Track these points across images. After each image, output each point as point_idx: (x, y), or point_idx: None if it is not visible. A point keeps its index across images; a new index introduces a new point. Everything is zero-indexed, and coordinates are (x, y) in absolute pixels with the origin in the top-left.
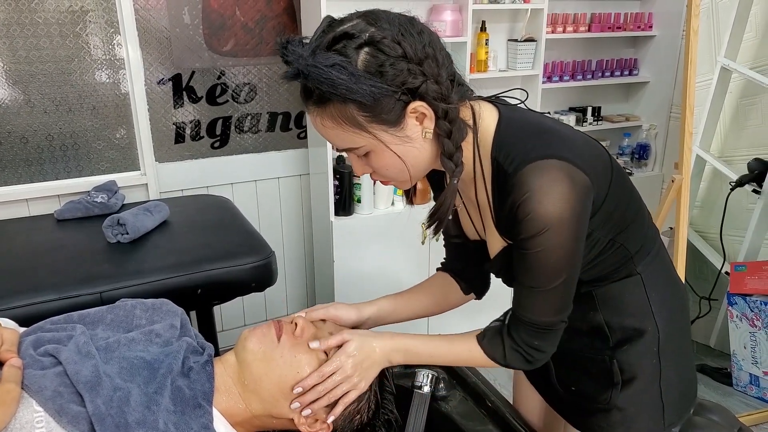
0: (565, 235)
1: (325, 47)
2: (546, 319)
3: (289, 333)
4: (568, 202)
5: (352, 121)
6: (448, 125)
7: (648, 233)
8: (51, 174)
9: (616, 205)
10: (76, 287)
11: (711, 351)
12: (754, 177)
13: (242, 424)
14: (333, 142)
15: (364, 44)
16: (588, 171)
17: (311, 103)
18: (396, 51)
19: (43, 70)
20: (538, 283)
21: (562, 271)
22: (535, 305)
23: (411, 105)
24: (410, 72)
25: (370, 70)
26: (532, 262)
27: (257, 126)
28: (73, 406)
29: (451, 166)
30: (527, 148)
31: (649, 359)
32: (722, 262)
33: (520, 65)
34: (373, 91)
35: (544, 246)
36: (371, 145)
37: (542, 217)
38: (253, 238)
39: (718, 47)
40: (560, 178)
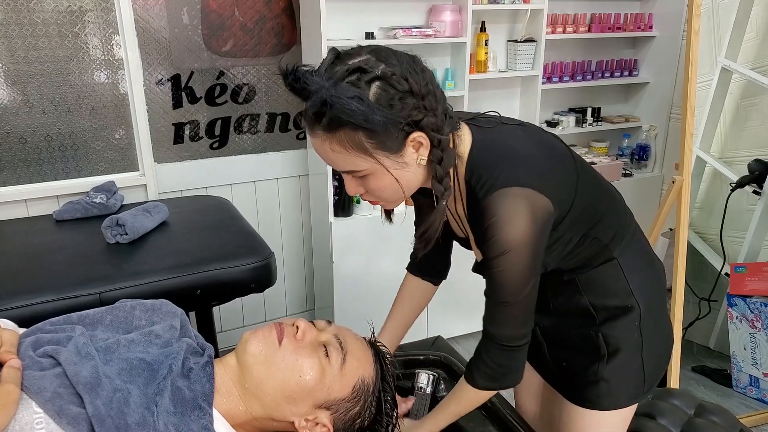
0: (524, 256)
1: (339, 78)
2: (512, 333)
3: (290, 336)
4: (527, 229)
5: (360, 146)
6: (440, 153)
7: (622, 221)
8: (50, 174)
9: (583, 208)
10: (75, 288)
11: (710, 352)
12: (755, 178)
13: (243, 426)
14: (335, 164)
15: (376, 78)
16: (549, 193)
17: (320, 128)
18: (404, 87)
19: (42, 70)
20: (503, 298)
21: (523, 287)
22: (502, 319)
23: (412, 135)
24: (415, 106)
25: (381, 102)
26: (497, 279)
27: (256, 127)
28: (73, 407)
29: (441, 188)
30: (494, 175)
31: (631, 333)
32: (722, 263)
33: (520, 66)
34: (385, 121)
35: (504, 266)
36: (372, 168)
37: (503, 242)
38: (252, 239)
39: (718, 48)
40: (522, 205)
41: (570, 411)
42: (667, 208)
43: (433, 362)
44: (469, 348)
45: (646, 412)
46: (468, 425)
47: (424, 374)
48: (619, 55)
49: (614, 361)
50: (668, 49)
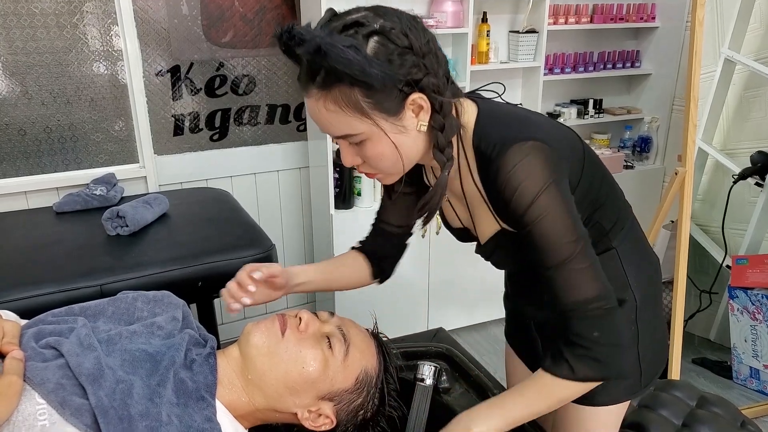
0: (555, 196)
1: (336, 31)
2: (591, 294)
3: (293, 327)
4: (547, 170)
5: (356, 105)
6: (441, 119)
7: (621, 209)
8: (49, 166)
9: (590, 184)
10: (76, 280)
11: (711, 344)
12: (757, 170)
13: (245, 417)
14: (331, 127)
15: (374, 32)
16: (561, 151)
17: (315, 86)
18: (403, 42)
19: (40, 61)
20: (560, 255)
21: (573, 232)
22: (572, 282)
23: (411, 96)
24: (415, 64)
25: (379, 57)
26: (541, 234)
27: (256, 118)
28: (76, 398)
29: (443, 158)
30: (504, 133)
31: (627, 326)
32: (723, 255)
33: (522, 57)
34: (383, 76)
35: (541, 213)
36: (369, 132)
37: (530, 187)
38: (253, 231)
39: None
40: (537, 154)
41: (565, 407)
42: (670, 200)
43: (436, 354)
44: (471, 341)
45: (647, 404)
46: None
47: (427, 366)
48: (622, 46)
49: None
50: (671, 40)
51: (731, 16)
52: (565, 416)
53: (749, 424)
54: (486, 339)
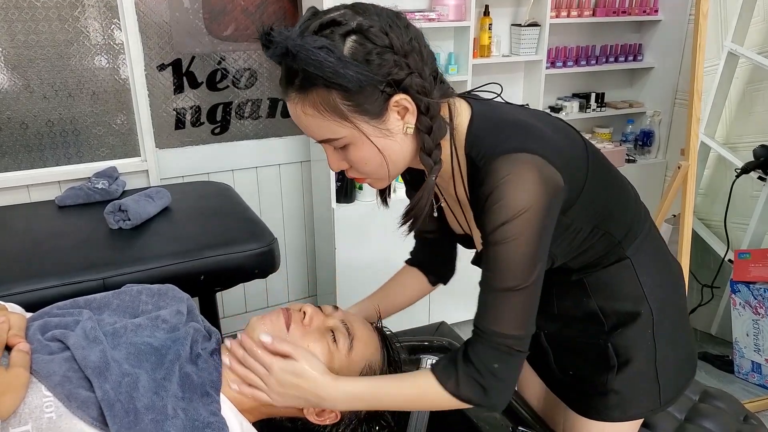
0: (532, 226)
1: (312, 32)
2: (511, 332)
3: (298, 322)
4: (536, 194)
5: (335, 109)
6: (429, 121)
7: (635, 216)
8: (51, 160)
9: (595, 195)
10: (79, 273)
11: (712, 339)
12: (760, 164)
13: (250, 411)
14: (312, 131)
15: (351, 32)
16: (559, 166)
17: (293, 89)
18: (383, 41)
19: (42, 54)
20: (506, 282)
21: (530, 267)
22: (497, 312)
23: (394, 98)
24: (396, 63)
25: (356, 57)
26: (500, 256)
27: (258, 112)
28: (82, 391)
29: (430, 162)
30: (497, 141)
31: (644, 341)
32: (726, 249)
33: (524, 50)
34: (359, 78)
35: (512, 236)
36: (351, 136)
37: (511, 206)
38: (255, 225)
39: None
40: (531, 170)
41: (575, 420)
42: (673, 194)
43: (438, 347)
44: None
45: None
46: (472, 411)
47: (429, 360)
48: (624, 40)
49: (625, 371)
50: (674, 34)
51: (735, 10)
52: (574, 428)
53: (752, 418)
54: None
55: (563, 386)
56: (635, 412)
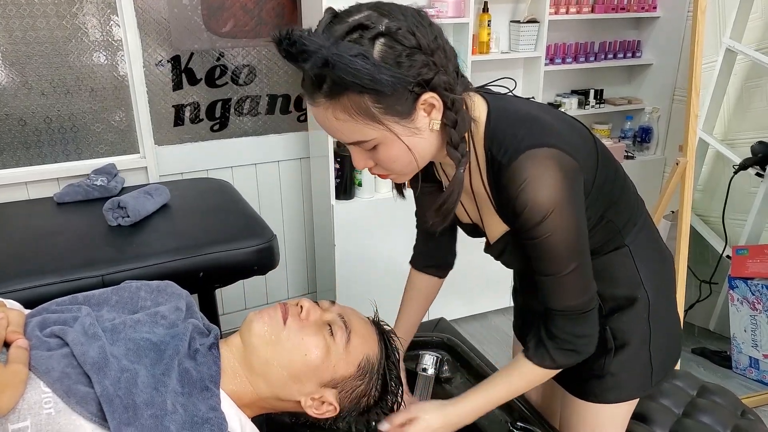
0: (566, 216)
1: (340, 37)
2: (577, 302)
3: (295, 316)
4: (561, 187)
5: (366, 112)
6: (454, 115)
7: (635, 206)
8: (50, 157)
9: (605, 185)
10: (78, 270)
11: (710, 334)
12: (758, 160)
13: (249, 406)
14: (341, 135)
15: (380, 35)
16: (575, 155)
17: (321, 95)
18: (411, 42)
19: (40, 51)
20: (558, 268)
21: (575, 251)
22: (563, 292)
23: (423, 96)
24: (425, 63)
25: (387, 60)
26: (545, 249)
27: (257, 108)
28: (81, 387)
29: (458, 155)
30: (517, 138)
31: (639, 325)
32: (724, 245)
33: (523, 47)
34: (393, 81)
35: (550, 231)
36: (382, 137)
37: (541, 205)
38: (254, 222)
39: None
40: (551, 165)
41: (573, 405)
42: (671, 190)
43: (437, 344)
44: (471, 330)
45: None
46: None
47: (428, 355)
48: (623, 36)
49: (621, 354)
50: (672, 30)
51: (733, 6)
52: (573, 412)
53: (749, 413)
54: (487, 329)
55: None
56: (629, 393)
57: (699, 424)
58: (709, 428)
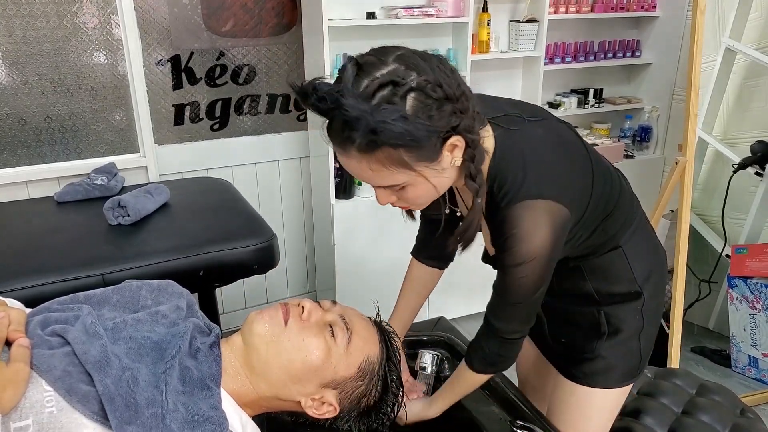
0: (541, 265)
1: (371, 95)
2: (514, 329)
3: (296, 316)
4: (549, 240)
5: (400, 162)
6: (472, 151)
7: (629, 211)
8: (50, 156)
9: (596, 206)
10: (78, 269)
11: (710, 333)
12: (757, 159)
13: (250, 405)
14: (372, 181)
15: (411, 90)
16: (569, 201)
17: (354, 149)
18: (439, 94)
19: (40, 50)
20: (515, 299)
21: (535, 290)
22: (509, 316)
23: (450, 140)
24: (453, 111)
25: (419, 115)
26: (512, 283)
27: (257, 108)
28: (83, 385)
29: (475, 186)
30: (516, 184)
31: (633, 317)
32: (723, 244)
33: (522, 46)
34: (428, 135)
35: (522, 274)
36: (412, 180)
37: (524, 253)
38: (254, 221)
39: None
40: (543, 220)
41: (563, 386)
42: (670, 190)
43: (437, 342)
44: (471, 329)
45: (648, 392)
46: (472, 405)
47: (428, 354)
48: (622, 36)
49: (613, 339)
50: (671, 30)
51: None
52: (562, 394)
53: (748, 411)
54: None
55: (555, 352)
56: (616, 379)
57: (698, 423)
58: (709, 427)
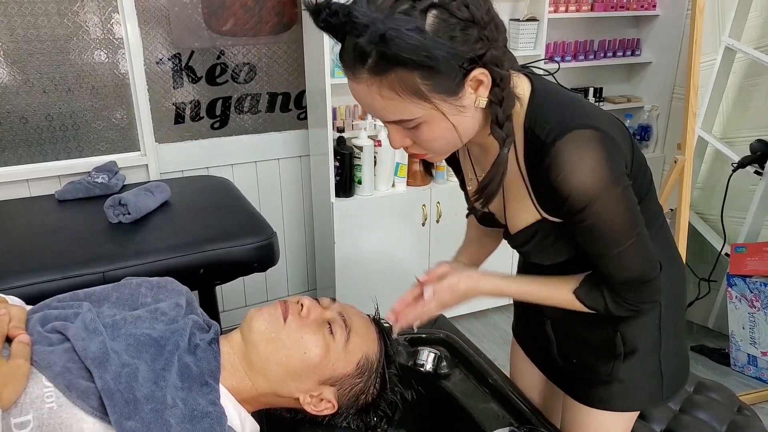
0: (615, 196)
1: (389, 8)
2: (639, 273)
3: (295, 314)
4: (606, 168)
5: (414, 90)
6: (501, 93)
7: (655, 210)
8: (51, 154)
9: (634, 180)
10: (79, 267)
11: (709, 332)
12: (756, 158)
13: (248, 401)
14: (383, 113)
15: (432, 6)
16: (618, 140)
17: (365, 71)
18: (465, 14)
19: (42, 49)
20: (613, 247)
21: (629, 227)
22: (623, 266)
23: (473, 72)
24: (478, 38)
25: (440, 34)
26: (598, 230)
27: (257, 106)
28: (82, 381)
29: (502, 134)
30: (562, 118)
31: (650, 331)
32: (722, 243)
33: (522, 45)
34: (448, 56)
35: (600, 213)
36: (427, 115)
37: (588, 188)
38: (254, 219)
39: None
40: (596, 147)
41: (575, 409)
42: (669, 188)
43: (436, 341)
44: (471, 328)
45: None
46: (469, 402)
47: (427, 352)
48: (622, 35)
49: (630, 361)
50: (672, 29)
51: (732, 5)
52: (575, 417)
53: (746, 409)
54: (486, 326)
55: (564, 375)
56: (637, 403)
57: (695, 420)
58: (706, 424)
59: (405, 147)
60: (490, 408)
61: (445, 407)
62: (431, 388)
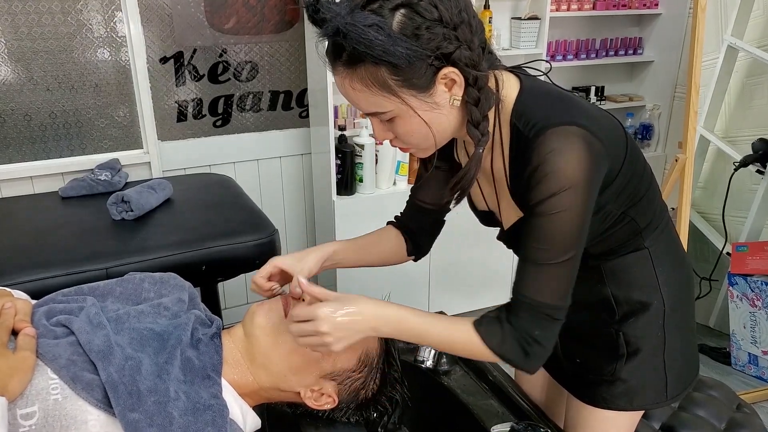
0: (579, 199)
1: (360, 6)
2: (548, 302)
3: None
4: (585, 167)
5: (383, 84)
6: (476, 93)
7: (657, 208)
8: (54, 152)
9: (629, 179)
10: (82, 263)
11: (710, 331)
12: (758, 157)
13: (250, 395)
14: (359, 105)
15: (400, 6)
16: (604, 142)
17: (340, 64)
18: (432, 14)
19: (45, 47)
20: (547, 256)
21: (572, 243)
22: (540, 284)
23: (442, 71)
24: (445, 37)
25: (405, 32)
26: (545, 228)
27: (259, 105)
28: (87, 374)
29: (477, 134)
30: (547, 114)
31: (654, 332)
32: (724, 242)
33: (524, 44)
34: (409, 54)
35: (558, 208)
36: (398, 110)
37: (561, 178)
38: (256, 216)
39: (724, 25)
40: (579, 144)
41: (578, 408)
42: (670, 187)
43: None
44: None
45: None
46: (469, 399)
47: (427, 348)
48: (624, 33)
49: (633, 361)
50: (673, 27)
51: (734, 3)
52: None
53: (745, 407)
54: None
55: (568, 375)
56: (641, 402)
57: (695, 418)
58: (705, 421)
59: (390, 141)
60: (490, 404)
61: (445, 403)
62: (431, 384)
